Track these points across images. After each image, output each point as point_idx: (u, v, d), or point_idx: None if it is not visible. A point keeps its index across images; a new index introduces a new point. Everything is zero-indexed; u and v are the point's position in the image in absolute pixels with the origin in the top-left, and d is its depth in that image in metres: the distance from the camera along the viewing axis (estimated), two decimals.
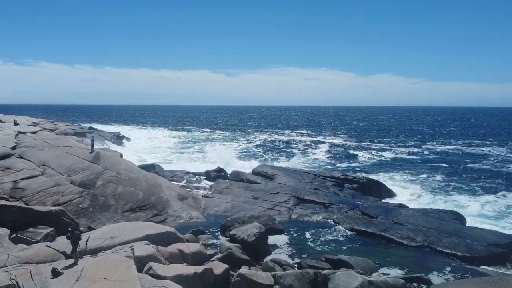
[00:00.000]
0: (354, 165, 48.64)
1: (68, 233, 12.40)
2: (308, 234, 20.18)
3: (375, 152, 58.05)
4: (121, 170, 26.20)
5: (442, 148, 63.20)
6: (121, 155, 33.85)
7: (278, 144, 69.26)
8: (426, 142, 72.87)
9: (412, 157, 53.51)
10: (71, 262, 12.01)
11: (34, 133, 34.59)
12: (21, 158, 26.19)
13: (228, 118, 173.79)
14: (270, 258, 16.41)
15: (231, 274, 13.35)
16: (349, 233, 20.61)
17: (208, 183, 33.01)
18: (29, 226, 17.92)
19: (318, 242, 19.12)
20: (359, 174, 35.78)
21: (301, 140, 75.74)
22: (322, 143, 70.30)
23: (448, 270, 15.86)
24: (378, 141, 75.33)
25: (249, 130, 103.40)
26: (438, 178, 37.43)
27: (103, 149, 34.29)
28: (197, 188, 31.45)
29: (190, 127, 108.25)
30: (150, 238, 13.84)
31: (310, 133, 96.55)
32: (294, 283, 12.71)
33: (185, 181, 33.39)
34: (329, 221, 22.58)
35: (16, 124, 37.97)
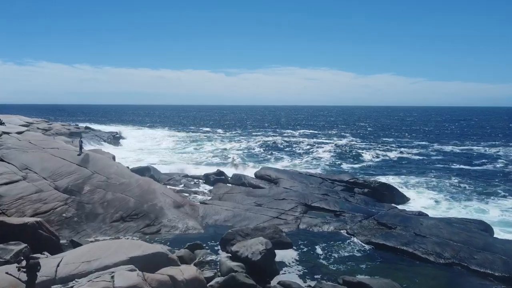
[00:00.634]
0: (360, 166, 46.32)
1: (22, 261, 10.04)
2: (319, 249, 17.81)
3: (381, 152, 55.68)
4: (111, 174, 23.85)
5: (449, 148, 60.81)
6: (113, 157, 31.57)
7: (280, 143, 66.90)
8: (433, 142, 70.44)
9: (420, 157, 51.12)
10: None
11: (20, 133, 32.22)
12: (1, 161, 23.88)
13: (228, 117, 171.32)
14: (278, 280, 14.12)
15: None
16: (366, 247, 18.24)
17: (207, 187, 30.69)
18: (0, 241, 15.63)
19: (332, 259, 16.74)
20: (369, 178, 33.42)
21: (303, 139, 73.35)
22: (326, 143, 67.94)
23: None
24: (383, 141, 72.98)
25: (250, 129, 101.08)
26: (453, 180, 34.99)
27: (94, 150, 31.95)
28: (195, 193, 29.11)
29: (189, 127, 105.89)
30: (136, 261, 11.49)
31: (313, 132, 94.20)
32: None
33: (182, 185, 31.05)
34: (342, 232, 20.23)
35: (1, 123, 35.58)
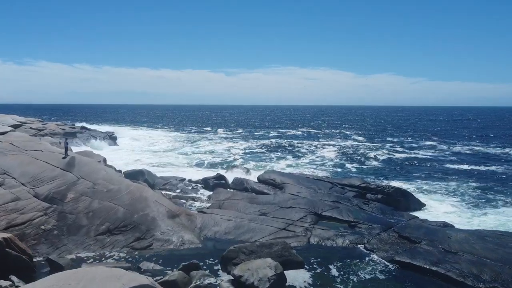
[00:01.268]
0: (366, 167, 43.92)
1: None
2: (335, 269, 15.31)
3: (387, 153, 53.19)
4: (98, 179, 21.39)
5: (457, 149, 58.37)
6: (103, 160, 29.10)
7: (282, 143, 64.56)
8: (439, 142, 68.07)
9: (429, 158, 48.63)
10: None
11: (3, 134, 29.78)
12: None
13: (228, 117, 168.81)
14: None
15: None
16: (389, 266, 15.73)
17: (206, 193, 28.23)
18: None
19: (351, 283, 14.22)
20: (382, 182, 30.97)
21: (306, 139, 70.96)
22: (328, 142, 65.61)
23: None
24: (388, 140, 70.55)
25: (250, 129, 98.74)
26: (471, 184, 32.48)
27: (83, 152, 29.48)
28: (193, 199, 26.67)
29: (189, 127, 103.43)
30: None
31: (315, 131, 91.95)
32: None
33: (179, 190, 28.60)
34: (359, 247, 17.75)
35: None
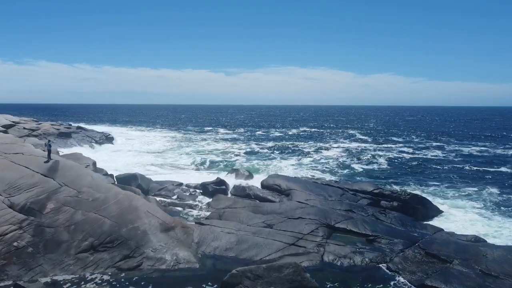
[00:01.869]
0: (373, 167, 41.63)
1: None
2: None
3: (396, 154, 50.74)
4: (83, 187, 19.01)
5: (467, 150, 55.81)
6: (93, 163, 26.71)
7: (284, 143, 62.23)
8: (446, 143, 65.71)
9: (439, 160, 46.15)
10: None
11: None
12: None
13: (229, 117, 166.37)
14: None
15: None
16: None
17: (205, 199, 25.84)
18: None
19: None
20: (396, 187, 28.57)
21: (308, 139, 68.60)
22: (332, 142, 63.19)
23: None
24: (394, 141, 68.13)
25: (251, 129, 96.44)
26: (492, 189, 29.95)
27: (71, 155, 27.09)
28: (190, 206, 24.31)
29: (188, 127, 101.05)
30: None
31: (317, 131, 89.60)
32: None
33: (175, 196, 26.22)
34: (381, 266, 15.37)
35: None
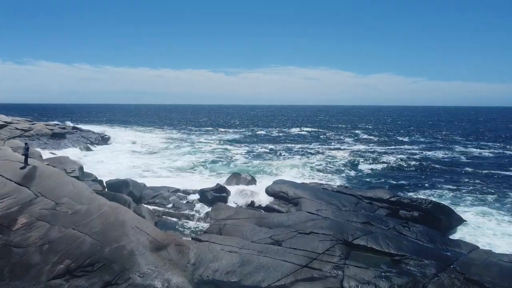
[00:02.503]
0: (381, 168, 39.33)
1: None
2: None
3: (404, 156, 48.26)
4: (62, 197, 16.51)
5: (477, 151, 53.47)
6: (80, 168, 24.16)
7: (286, 143, 60.11)
8: (454, 143, 63.49)
9: (452, 162, 43.79)
10: None
11: None
12: None
13: (229, 117, 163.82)
14: None
15: None
16: None
17: (203, 208, 23.35)
18: None
19: None
20: (410, 194, 26.09)
21: (311, 139, 66.30)
22: (337, 143, 60.79)
23: None
24: (400, 141, 65.66)
25: (252, 128, 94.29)
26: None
27: (56, 159, 24.56)
28: (187, 217, 21.82)
29: (188, 127, 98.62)
30: None
31: (320, 131, 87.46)
32: None
33: (171, 204, 23.72)
34: None
35: None
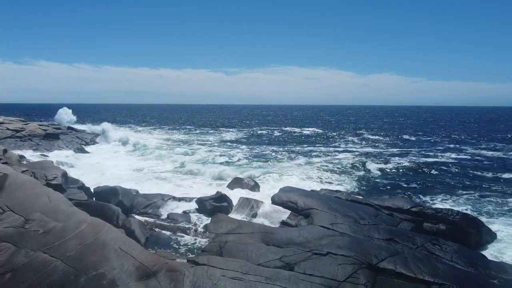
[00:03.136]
0: (391, 173, 36.52)
1: None
2: None
3: (414, 157, 45.57)
4: (34, 213, 13.97)
5: (489, 153, 50.84)
6: (63, 174, 21.61)
7: (288, 143, 57.56)
8: (463, 144, 60.85)
9: (465, 164, 41.05)
10: None
11: None
12: None
13: (229, 117, 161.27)
14: None
15: None
16: None
17: (202, 219, 20.86)
18: None
19: None
20: (439, 205, 23.58)
21: (314, 138, 64.02)
22: (342, 143, 58.31)
23: None
24: (408, 142, 63.14)
25: (253, 128, 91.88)
26: None
27: (38, 163, 22.06)
28: (182, 230, 19.31)
29: (188, 127, 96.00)
30: None
31: (323, 131, 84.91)
32: None
33: (165, 215, 21.23)
34: None
35: None
